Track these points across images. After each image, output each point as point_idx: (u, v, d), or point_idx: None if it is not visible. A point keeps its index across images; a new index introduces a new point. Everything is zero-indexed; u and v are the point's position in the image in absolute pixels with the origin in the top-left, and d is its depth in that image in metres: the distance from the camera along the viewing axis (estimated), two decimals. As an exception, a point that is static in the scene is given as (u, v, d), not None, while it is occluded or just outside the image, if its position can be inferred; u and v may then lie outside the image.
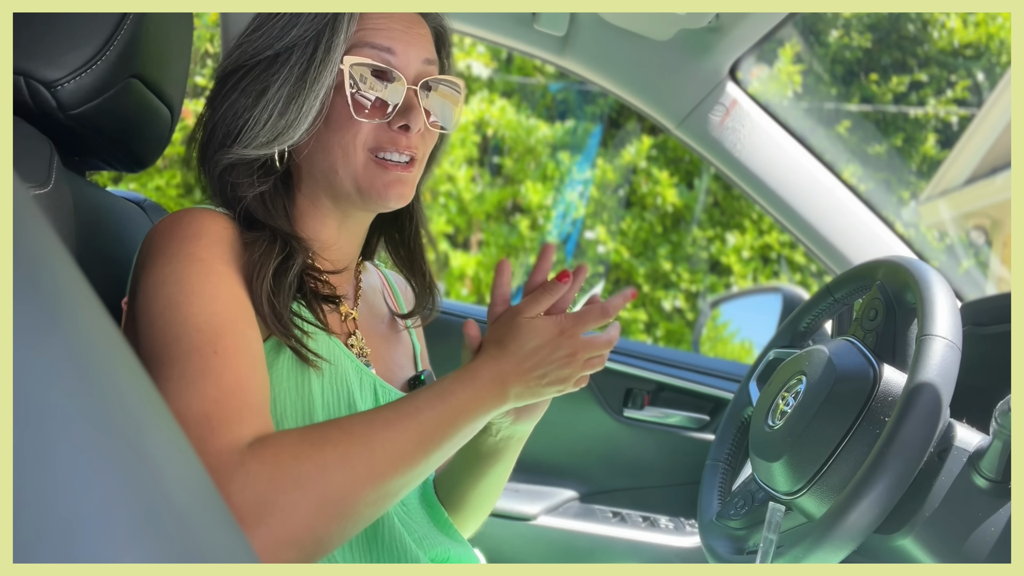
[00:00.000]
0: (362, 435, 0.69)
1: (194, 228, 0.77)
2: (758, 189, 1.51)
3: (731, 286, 6.29)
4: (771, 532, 0.81)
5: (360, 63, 0.83)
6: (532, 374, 0.81)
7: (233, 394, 0.68)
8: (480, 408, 0.78)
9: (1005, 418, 0.74)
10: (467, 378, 0.79)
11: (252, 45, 0.84)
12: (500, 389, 0.79)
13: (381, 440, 0.69)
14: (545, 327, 0.82)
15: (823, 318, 1.12)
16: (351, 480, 0.66)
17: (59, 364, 0.24)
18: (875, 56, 6.68)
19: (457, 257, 6.46)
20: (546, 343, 0.81)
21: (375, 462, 0.68)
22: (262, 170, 0.85)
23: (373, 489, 0.68)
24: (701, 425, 1.63)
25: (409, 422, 0.72)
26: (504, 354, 0.81)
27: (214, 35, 1.46)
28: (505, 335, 0.82)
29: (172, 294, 0.73)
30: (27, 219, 0.25)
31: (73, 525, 0.22)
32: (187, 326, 0.71)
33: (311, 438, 0.67)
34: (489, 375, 0.79)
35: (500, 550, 1.49)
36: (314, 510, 0.63)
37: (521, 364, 0.80)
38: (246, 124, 0.82)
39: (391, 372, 0.95)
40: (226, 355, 0.70)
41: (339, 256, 0.92)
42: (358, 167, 0.84)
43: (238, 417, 0.66)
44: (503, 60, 6.76)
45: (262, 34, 0.84)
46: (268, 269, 0.78)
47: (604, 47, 1.44)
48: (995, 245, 6.45)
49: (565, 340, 0.81)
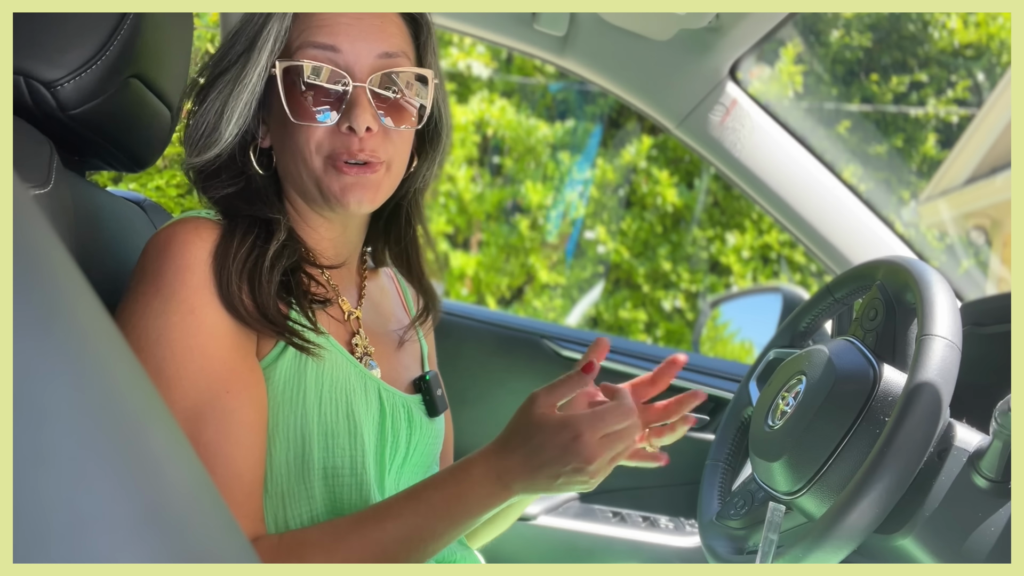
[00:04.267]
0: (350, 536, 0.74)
1: (186, 258, 0.76)
2: (758, 189, 1.51)
3: (731, 286, 6.29)
4: (771, 532, 0.81)
5: (295, 65, 0.80)
6: (540, 474, 0.74)
7: (219, 483, 0.72)
8: (484, 505, 0.75)
9: (1005, 418, 0.74)
10: (462, 474, 0.76)
11: (211, 58, 0.86)
12: (500, 485, 0.75)
13: (370, 542, 0.73)
14: (555, 428, 0.74)
15: (823, 318, 1.12)
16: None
17: (59, 364, 0.24)
18: (875, 56, 6.68)
19: (457, 257, 6.46)
20: (555, 445, 0.73)
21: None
22: (231, 171, 0.85)
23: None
24: (701, 425, 1.63)
25: (400, 524, 0.74)
26: (506, 450, 0.75)
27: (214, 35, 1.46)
28: (512, 426, 0.77)
29: (160, 356, 0.73)
30: (27, 219, 0.25)
31: (73, 525, 0.22)
32: (173, 407, 0.72)
33: (300, 540, 0.73)
34: (483, 471, 0.75)
35: (500, 550, 1.49)
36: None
37: (525, 463, 0.74)
38: (194, 131, 0.84)
39: (396, 373, 0.94)
40: (209, 447, 0.72)
41: (336, 251, 0.91)
42: (316, 172, 0.83)
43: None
44: (503, 60, 6.76)
45: (220, 45, 0.85)
46: (237, 265, 0.78)
47: (604, 47, 1.44)
48: (995, 245, 6.45)
49: (579, 447, 0.73)
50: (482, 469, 0.75)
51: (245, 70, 0.81)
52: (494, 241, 6.59)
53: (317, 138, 0.82)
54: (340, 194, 0.82)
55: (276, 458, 0.79)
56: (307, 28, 0.82)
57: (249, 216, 0.83)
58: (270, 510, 0.79)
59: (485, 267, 6.45)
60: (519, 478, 0.74)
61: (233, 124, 0.82)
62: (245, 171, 0.86)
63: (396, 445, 0.88)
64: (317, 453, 0.80)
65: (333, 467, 0.81)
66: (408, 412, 0.90)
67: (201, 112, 0.83)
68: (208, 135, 0.83)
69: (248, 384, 0.76)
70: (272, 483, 0.79)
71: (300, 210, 0.89)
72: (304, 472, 0.80)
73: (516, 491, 0.75)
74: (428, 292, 1.02)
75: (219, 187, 0.85)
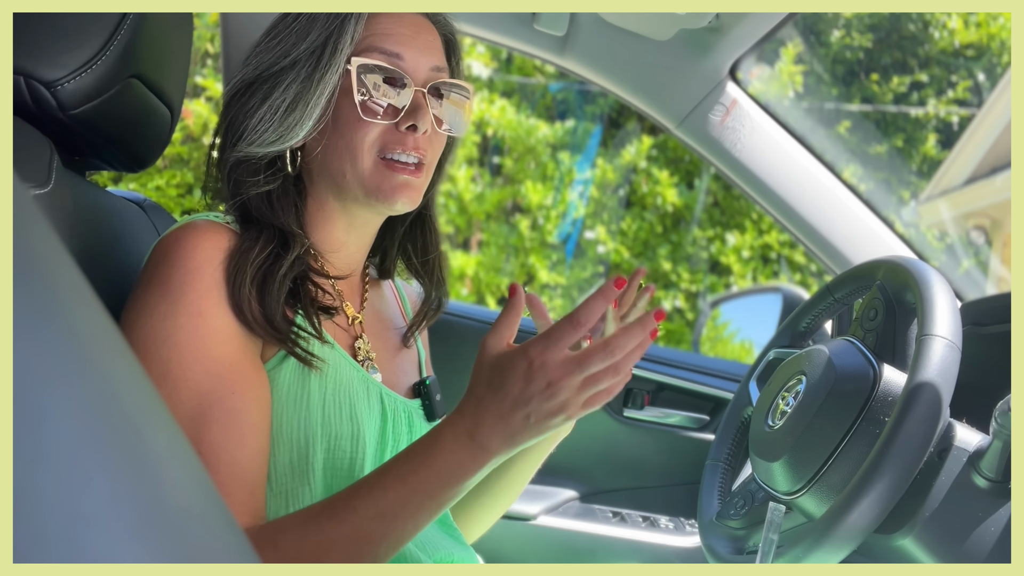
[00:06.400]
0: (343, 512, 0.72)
1: (194, 261, 0.77)
2: (758, 189, 1.51)
3: (731, 286, 6.29)
4: (771, 532, 0.81)
5: (368, 64, 0.83)
6: (512, 418, 0.68)
7: (222, 482, 0.72)
8: (460, 473, 0.70)
9: (1005, 418, 0.74)
10: (430, 442, 0.71)
11: (268, 55, 0.85)
12: (475, 446, 0.70)
13: (360, 521, 0.72)
14: (509, 360, 0.68)
15: (823, 318, 1.12)
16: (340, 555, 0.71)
17: (59, 364, 0.24)
18: (876, 56, 6.68)
19: (457, 257, 6.46)
20: (515, 379, 0.68)
21: (359, 541, 0.71)
22: (271, 169, 0.86)
23: (360, 556, 0.71)
24: (701, 425, 1.63)
25: (380, 499, 0.71)
26: (470, 403, 0.70)
27: (214, 35, 1.46)
28: (472, 380, 0.72)
29: (166, 358, 0.73)
30: (27, 219, 0.25)
31: (73, 525, 0.22)
32: (176, 410, 0.73)
33: (275, 527, 0.73)
34: (453, 435, 0.70)
35: (500, 550, 1.49)
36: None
37: (493, 410, 0.69)
38: (254, 122, 0.84)
39: (396, 378, 0.95)
40: (213, 447, 0.73)
41: (346, 260, 0.92)
42: (366, 169, 0.84)
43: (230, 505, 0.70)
44: (503, 60, 6.76)
45: (279, 42, 0.85)
46: (252, 271, 0.78)
47: (604, 47, 1.44)
48: (995, 245, 6.45)
49: (536, 371, 0.67)
50: (451, 433, 0.70)
51: (319, 68, 0.82)
52: (494, 241, 6.59)
53: (375, 135, 0.84)
54: (390, 192, 0.84)
55: (279, 458, 0.80)
56: (371, 35, 0.85)
57: (271, 225, 0.84)
58: (272, 509, 0.80)
59: (485, 267, 6.45)
60: (493, 431, 0.69)
61: (314, 120, 0.83)
62: (280, 171, 0.86)
63: (396, 449, 0.89)
64: (320, 454, 0.81)
65: (333, 467, 0.82)
66: (409, 417, 0.91)
67: (269, 105, 0.83)
68: (277, 127, 0.83)
69: (253, 386, 0.76)
70: (275, 482, 0.80)
71: (327, 211, 0.89)
72: (306, 472, 0.80)
73: (494, 448, 0.69)
74: (439, 287, 1.03)
75: (253, 185, 0.85)
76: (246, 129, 0.84)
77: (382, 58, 0.84)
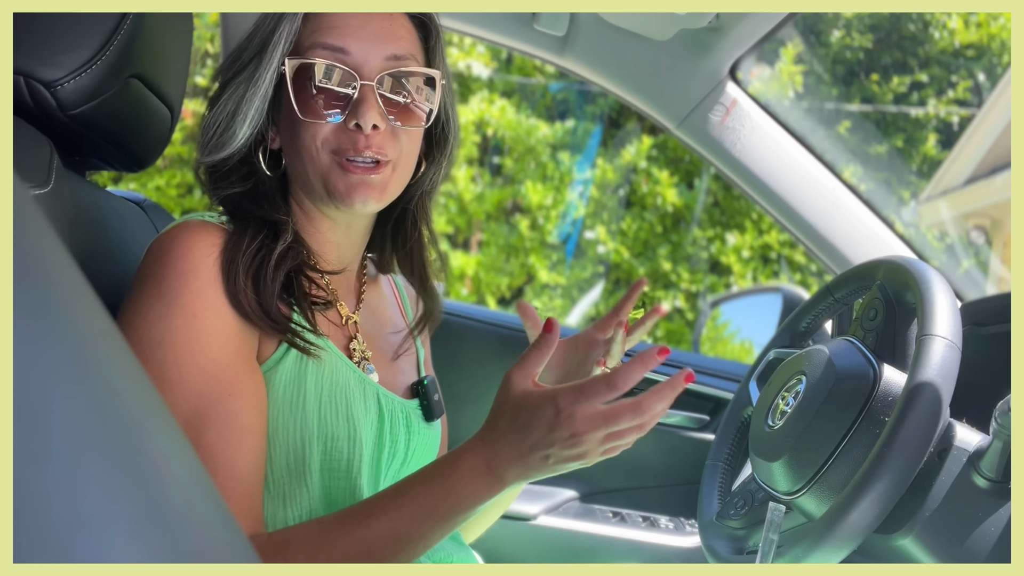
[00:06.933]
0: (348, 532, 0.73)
1: (189, 262, 0.76)
2: (758, 189, 1.51)
3: (731, 286, 6.29)
4: (771, 532, 0.81)
5: (305, 63, 0.82)
6: (531, 457, 0.70)
7: (220, 484, 0.72)
8: (475, 498, 0.71)
9: (1005, 418, 0.74)
10: (449, 468, 0.72)
11: (225, 62, 0.86)
12: (492, 477, 0.71)
13: (362, 539, 0.72)
14: (537, 404, 0.69)
15: (823, 318, 1.12)
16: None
17: (58, 364, 0.24)
18: (876, 56, 6.68)
19: (457, 257, 6.46)
20: (540, 423, 0.69)
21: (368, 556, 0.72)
22: (244, 169, 0.86)
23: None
24: (701, 425, 1.63)
25: (392, 521, 0.72)
26: (492, 436, 0.71)
27: (214, 35, 1.46)
28: (495, 411, 0.73)
29: (162, 359, 0.73)
30: (27, 219, 0.25)
31: (73, 525, 0.22)
32: (172, 412, 0.73)
33: (285, 539, 0.73)
34: (472, 463, 0.71)
35: (500, 550, 1.49)
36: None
37: (514, 447, 0.70)
38: (205, 128, 0.85)
39: (393, 378, 0.95)
40: (210, 449, 0.72)
41: (338, 257, 0.92)
42: (322, 170, 0.83)
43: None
44: (503, 60, 6.76)
45: (236, 48, 0.86)
46: (245, 263, 0.78)
47: (604, 47, 1.44)
48: (995, 245, 6.44)
49: (563, 421, 0.68)
50: (470, 461, 0.71)
51: (258, 71, 0.82)
52: (494, 241, 6.59)
53: (323, 135, 0.82)
54: (346, 193, 0.83)
55: (276, 460, 0.80)
56: (317, 29, 0.83)
57: (258, 217, 0.83)
58: (270, 510, 0.80)
59: (485, 267, 6.45)
60: (511, 465, 0.70)
61: (247, 125, 0.83)
62: (255, 172, 0.87)
63: (395, 450, 0.89)
64: (316, 456, 0.81)
65: (330, 469, 0.82)
66: (407, 417, 0.91)
67: (214, 112, 0.84)
68: (221, 135, 0.83)
69: (249, 387, 0.76)
70: (272, 484, 0.80)
71: (307, 211, 0.89)
72: (303, 473, 0.80)
73: (509, 480, 0.71)
74: (430, 295, 1.02)
75: (228, 187, 0.86)
76: (203, 135, 0.85)
77: (324, 54, 0.82)
